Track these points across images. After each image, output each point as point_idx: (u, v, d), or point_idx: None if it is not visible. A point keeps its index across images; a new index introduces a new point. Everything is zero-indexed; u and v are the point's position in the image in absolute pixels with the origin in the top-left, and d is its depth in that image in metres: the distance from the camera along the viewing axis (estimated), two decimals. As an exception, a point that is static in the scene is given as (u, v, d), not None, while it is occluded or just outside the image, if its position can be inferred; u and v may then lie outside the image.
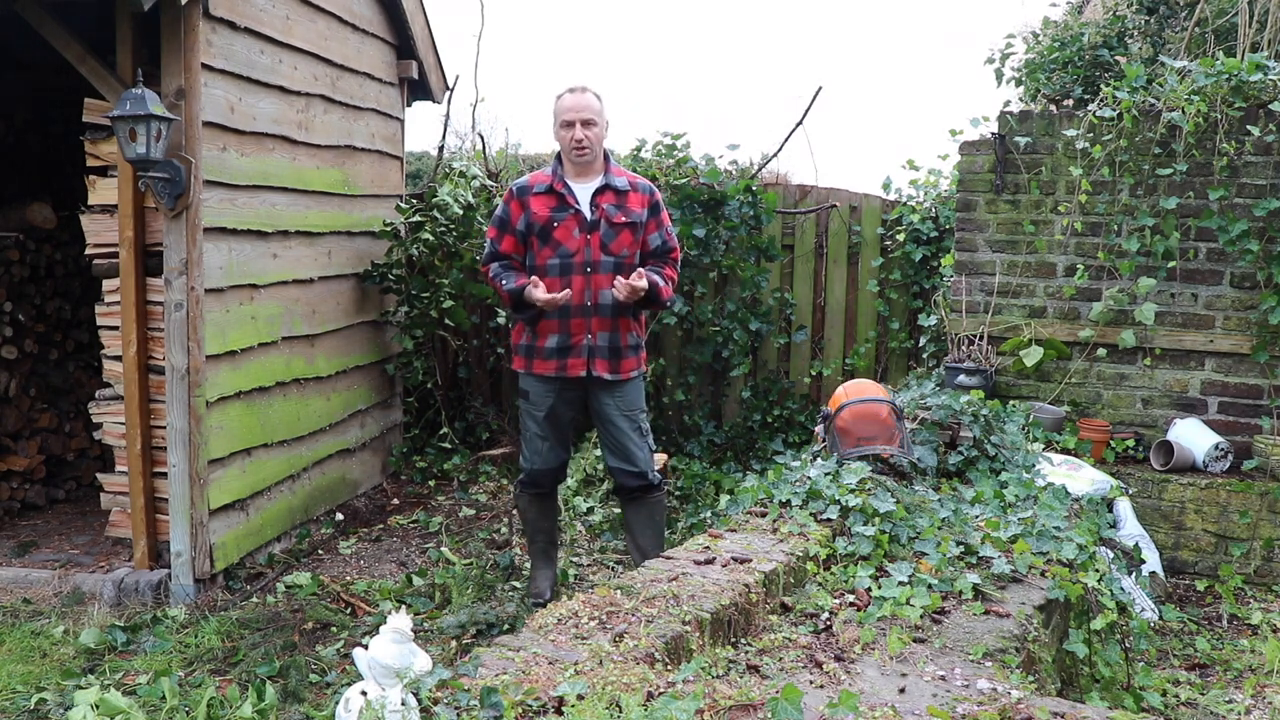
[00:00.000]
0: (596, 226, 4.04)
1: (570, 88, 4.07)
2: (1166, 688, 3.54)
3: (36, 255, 5.77)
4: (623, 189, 4.10)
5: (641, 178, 4.26)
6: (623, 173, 4.17)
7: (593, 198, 4.06)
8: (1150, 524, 4.78)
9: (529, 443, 4.27)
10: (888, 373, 6.44)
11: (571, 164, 4.08)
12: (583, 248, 4.02)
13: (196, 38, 4.31)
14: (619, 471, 4.20)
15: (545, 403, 4.16)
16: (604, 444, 4.24)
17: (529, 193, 4.09)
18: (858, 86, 22.17)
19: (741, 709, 2.11)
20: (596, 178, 4.09)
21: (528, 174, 4.24)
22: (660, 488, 4.26)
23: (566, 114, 4.01)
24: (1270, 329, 4.92)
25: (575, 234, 4.03)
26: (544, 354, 4.10)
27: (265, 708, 3.26)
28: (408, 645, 2.23)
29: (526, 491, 4.38)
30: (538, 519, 4.40)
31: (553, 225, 4.04)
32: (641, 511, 4.23)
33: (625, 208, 4.08)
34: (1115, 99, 5.06)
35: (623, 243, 4.07)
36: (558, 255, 4.03)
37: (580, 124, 3.99)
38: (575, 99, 4.03)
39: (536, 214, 4.05)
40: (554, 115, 4.07)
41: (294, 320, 5.25)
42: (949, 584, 3.08)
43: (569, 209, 4.04)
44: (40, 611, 4.33)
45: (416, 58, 6.42)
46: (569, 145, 4.03)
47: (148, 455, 4.50)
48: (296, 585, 4.64)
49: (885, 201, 6.42)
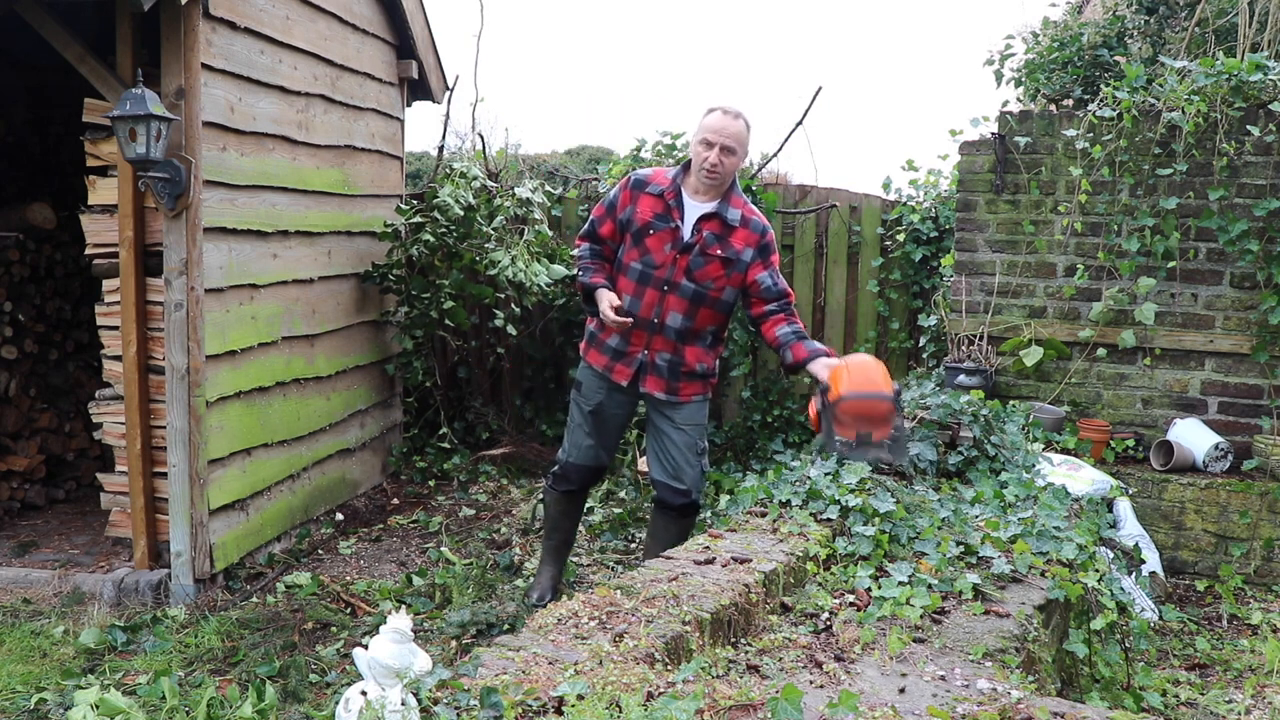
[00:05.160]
0: (689, 250, 3.86)
1: (725, 108, 3.87)
2: (1166, 688, 3.54)
3: (36, 255, 5.77)
4: (732, 223, 3.89)
5: (759, 214, 4.01)
6: (740, 204, 3.94)
7: (698, 220, 3.88)
8: (1150, 524, 4.78)
9: (570, 434, 4.16)
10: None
11: (696, 180, 3.91)
12: (668, 265, 3.87)
13: (196, 38, 4.31)
14: (663, 486, 4.02)
15: (595, 397, 4.06)
16: (654, 456, 4.07)
17: (643, 189, 3.94)
18: (858, 86, 22.20)
19: (741, 709, 2.11)
20: (712, 202, 3.91)
21: (652, 169, 4.07)
22: (699, 510, 4.12)
23: (710, 134, 3.82)
24: (1270, 329, 4.92)
25: (666, 249, 3.87)
26: (603, 348, 4.02)
27: (265, 708, 3.26)
28: (408, 645, 2.24)
29: (556, 487, 4.26)
30: (560, 517, 4.31)
31: (648, 231, 3.89)
32: (671, 527, 4.05)
33: (727, 242, 3.88)
34: (1115, 99, 5.06)
35: (709, 273, 3.87)
36: (642, 263, 3.90)
37: (721, 149, 3.80)
38: (725, 122, 3.83)
39: (640, 213, 3.91)
40: (699, 127, 3.88)
41: (294, 320, 5.25)
42: (949, 584, 3.08)
43: (670, 222, 3.88)
44: (40, 611, 4.33)
45: (416, 58, 6.42)
46: (701, 164, 3.83)
47: (148, 455, 4.50)
48: (296, 585, 4.64)
49: (885, 201, 6.43)
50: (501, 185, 6.65)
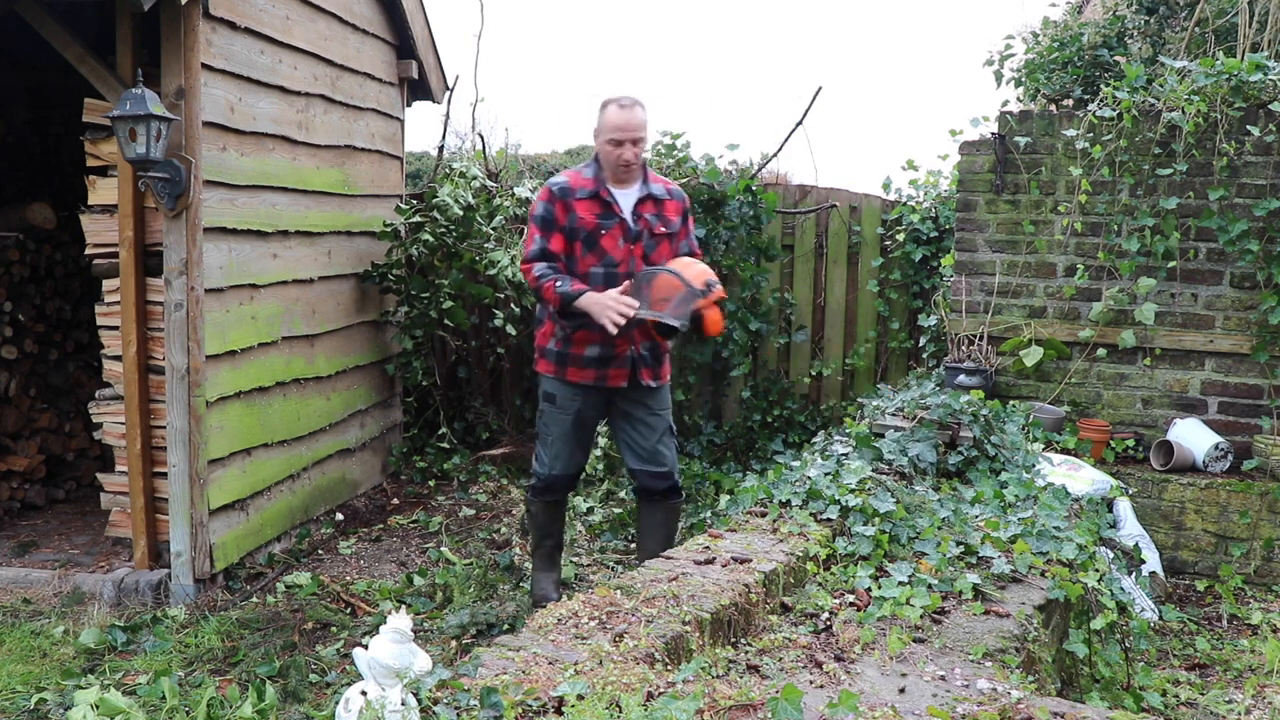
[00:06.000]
0: (640, 237, 3.99)
1: (620, 102, 3.94)
2: (1166, 688, 3.54)
3: (36, 255, 5.77)
4: (661, 198, 4.06)
5: (674, 184, 4.20)
6: (659, 179, 4.12)
7: (635, 207, 4.00)
8: (1150, 524, 4.78)
9: (549, 447, 4.16)
10: (888, 373, 6.44)
11: (613, 175, 4.00)
12: (627, 258, 3.96)
13: (196, 38, 4.31)
14: (645, 474, 4.12)
15: (573, 407, 4.08)
16: (629, 447, 4.14)
17: (572, 195, 3.98)
18: (858, 86, 22.21)
19: (741, 709, 2.11)
20: (636, 185, 4.03)
21: (562, 173, 4.13)
22: (681, 492, 4.22)
23: (617, 133, 3.90)
24: (1270, 329, 4.92)
25: (620, 244, 3.96)
26: (582, 362, 4.01)
27: (265, 708, 3.26)
28: (408, 645, 2.24)
29: (540, 499, 4.27)
30: (548, 524, 4.32)
31: (600, 233, 3.95)
32: (658, 515, 4.16)
33: (665, 217, 4.05)
34: (1115, 99, 5.06)
35: (662, 253, 4.02)
36: (603, 264, 3.95)
37: (630, 143, 3.90)
38: (626, 116, 3.91)
39: (583, 219, 3.95)
40: (599, 126, 3.96)
41: (294, 320, 5.25)
42: (949, 584, 3.08)
43: (615, 217, 3.97)
44: (40, 611, 4.33)
45: (416, 58, 6.42)
46: (617, 161, 3.93)
47: (148, 455, 4.50)
48: (296, 585, 4.64)
49: (885, 201, 6.43)
50: (501, 185, 6.65)
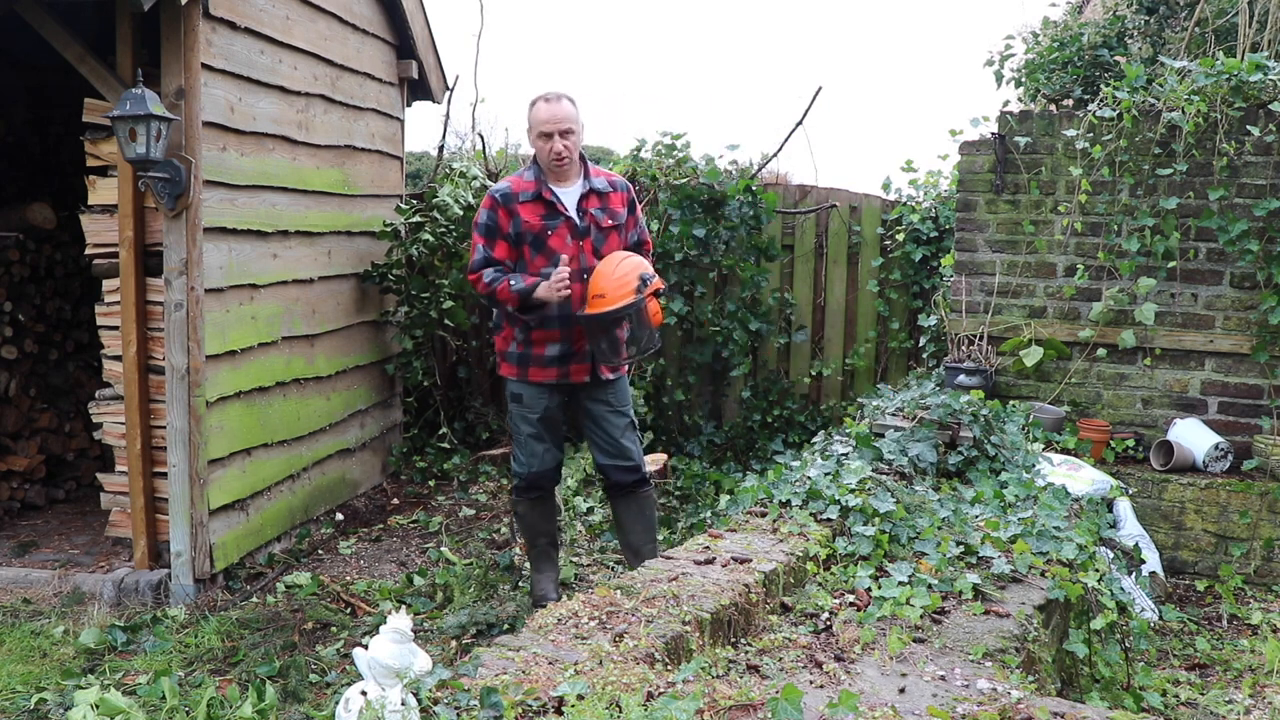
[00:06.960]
0: (587, 233, 4.02)
1: (545, 96, 3.99)
2: (1166, 688, 3.54)
3: (36, 255, 5.77)
4: (604, 190, 4.09)
5: (616, 174, 4.25)
6: (600, 172, 4.15)
7: (579, 203, 4.04)
8: (1150, 524, 4.78)
9: (524, 446, 4.19)
10: (888, 372, 6.44)
11: (551, 172, 4.04)
12: (577, 255, 3.99)
13: (196, 38, 4.31)
14: (613, 469, 4.18)
15: (540, 404, 4.11)
16: (595, 443, 4.20)
17: (515, 200, 4.00)
18: (858, 86, 22.21)
19: (741, 709, 2.11)
20: (578, 181, 4.06)
21: (504, 179, 4.17)
22: (650, 482, 4.27)
23: (545, 126, 3.94)
24: (1270, 329, 4.92)
25: (568, 241, 3.99)
26: (543, 362, 4.06)
27: (265, 708, 3.26)
28: (408, 645, 2.24)
29: (525, 497, 4.28)
30: (539, 522, 4.33)
31: (546, 234, 3.99)
32: (633, 506, 4.22)
33: (610, 209, 4.08)
34: (1115, 99, 5.06)
35: (612, 245, 4.06)
36: (553, 264, 3.97)
37: (559, 135, 3.92)
38: (552, 110, 3.95)
39: (528, 222, 3.98)
40: (529, 124, 4.01)
41: (294, 320, 5.25)
42: (949, 584, 3.08)
43: (560, 216, 4.00)
44: (40, 611, 4.33)
45: (416, 58, 6.42)
46: (549, 157, 3.97)
47: (148, 455, 4.50)
48: (296, 585, 4.64)
49: (885, 201, 6.43)
50: (501, 185, 6.64)
